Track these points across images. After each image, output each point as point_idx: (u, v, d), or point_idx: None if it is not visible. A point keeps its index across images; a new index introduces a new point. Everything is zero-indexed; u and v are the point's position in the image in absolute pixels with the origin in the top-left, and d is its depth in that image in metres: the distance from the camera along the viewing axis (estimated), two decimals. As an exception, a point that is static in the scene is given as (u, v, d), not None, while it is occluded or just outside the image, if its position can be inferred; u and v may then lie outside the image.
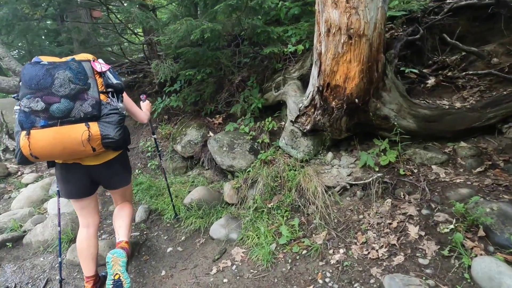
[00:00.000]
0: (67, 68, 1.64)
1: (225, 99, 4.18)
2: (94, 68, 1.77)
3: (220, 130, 4.08)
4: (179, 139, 4.04)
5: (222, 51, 3.51)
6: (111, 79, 1.84)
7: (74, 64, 1.70)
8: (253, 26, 2.86)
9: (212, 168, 3.85)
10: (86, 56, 1.86)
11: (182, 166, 4.07)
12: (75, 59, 1.76)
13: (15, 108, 1.65)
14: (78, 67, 1.70)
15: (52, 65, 1.63)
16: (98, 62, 1.84)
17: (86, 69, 1.73)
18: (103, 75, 1.81)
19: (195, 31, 2.72)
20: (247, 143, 3.30)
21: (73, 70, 1.66)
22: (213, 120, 4.23)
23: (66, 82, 1.61)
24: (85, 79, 1.70)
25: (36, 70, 1.59)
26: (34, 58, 1.71)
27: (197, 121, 4.25)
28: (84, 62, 1.76)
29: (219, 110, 4.28)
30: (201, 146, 3.97)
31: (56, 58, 1.76)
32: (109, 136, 1.70)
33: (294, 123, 3.06)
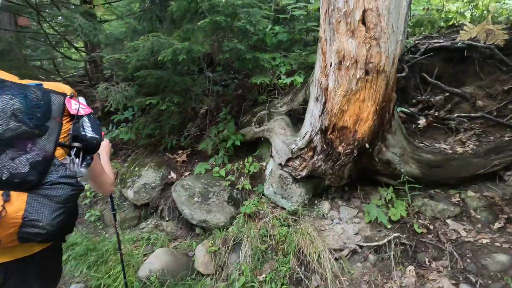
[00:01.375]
0: (20, 95, 0.98)
1: (190, 132, 3.51)
2: (67, 107, 1.12)
3: (184, 170, 3.34)
4: (130, 182, 3.17)
5: (192, 76, 2.90)
6: (86, 129, 1.15)
7: (35, 92, 1.02)
8: (236, 51, 2.35)
9: (175, 220, 3.06)
10: (62, 87, 1.19)
11: (134, 217, 3.17)
12: (41, 86, 1.09)
13: None
14: (41, 98, 1.03)
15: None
16: (77, 100, 1.19)
17: (53, 104, 1.07)
18: (76, 121, 1.15)
19: (165, 50, 2.09)
20: (225, 190, 2.65)
21: (29, 100, 1.00)
22: (175, 157, 3.48)
23: (5, 116, 0.93)
24: (44, 119, 1.03)
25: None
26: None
27: (154, 158, 3.45)
28: (54, 95, 1.10)
29: (182, 145, 3.57)
30: (159, 190, 3.17)
31: (14, 77, 1.08)
32: (37, 223, 0.95)
33: (284, 167, 2.55)
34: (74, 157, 1.10)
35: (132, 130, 3.44)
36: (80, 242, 2.82)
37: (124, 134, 3.38)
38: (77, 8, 2.87)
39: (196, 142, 3.46)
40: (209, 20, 1.85)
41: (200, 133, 3.37)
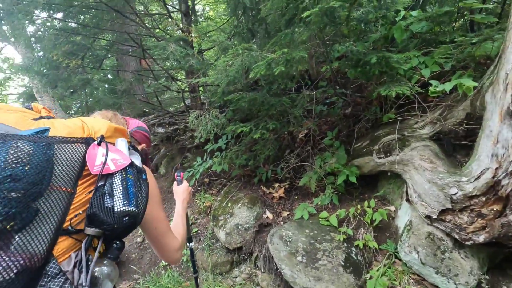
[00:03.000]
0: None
1: (288, 161, 2.94)
2: (88, 163, 0.72)
3: (282, 208, 2.76)
4: (222, 221, 2.78)
5: (290, 95, 2.35)
6: (115, 198, 0.70)
7: (17, 150, 0.61)
8: (352, 54, 1.67)
9: (271, 273, 2.46)
10: (95, 125, 0.81)
11: (226, 261, 2.75)
12: (45, 133, 0.70)
13: None
14: (28, 159, 0.61)
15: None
16: (107, 146, 0.76)
17: (56, 165, 0.66)
18: (99, 185, 0.72)
19: (257, 65, 1.59)
20: (339, 248, 1.89)
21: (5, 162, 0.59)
22: (271, 192, 2.95)
23: None
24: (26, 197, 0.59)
25: None
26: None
27: (248, 192, 3.00)
28: (64, 146, 0.70)
29: (278, 177, 3.02)
30: (253, 233, 2.66)
31: (24, 114, 0.75)
32: None
33: (435, 222, 1.62)
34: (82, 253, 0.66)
35: (225, 160, 3.12)
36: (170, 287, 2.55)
37: (217, 165, 3.08)
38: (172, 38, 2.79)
39: (296, 174, 2.85)
40: (319, 9, 1.26)
41: (301, 163, 2.74)
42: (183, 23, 3.89)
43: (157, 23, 4.04)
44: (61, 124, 0.75)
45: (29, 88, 8.12)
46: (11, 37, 6.18)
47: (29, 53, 6.51)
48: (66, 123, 0.77)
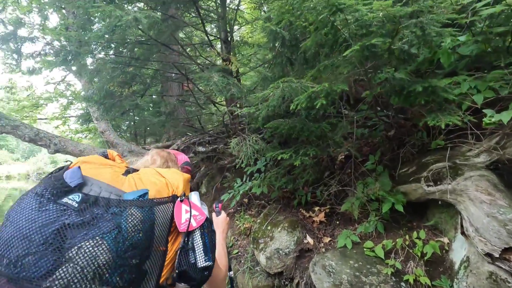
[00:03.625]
0: (111, 233, 0.61)
1: (327, 184, 2.90)
2: (176, 220, 0.76)
3: (323, 234, 2.70)
4: (263, 244, 2.81)
5: (329, 120, 2.35)
6: (198, 254, 0.76)
7: (134, 217, 0.67)
8: (394, 83, 1.64)
9: (314, 301, 2.40)
10: (174, 180, 0.84)
11: (266, 286, 2.74)
12: (146, 196, 0.74)
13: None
14: (141, 225, 0.67)
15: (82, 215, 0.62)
16: (189, 203, 0.81)
17: (156, 227, 0.71)
18: (184, 243, 0.77)
19: (298, 98, 1.64)
20: (387, 283, 1.80)
21: (123, 238, 0.62)
22: (311, 216, 2.91)
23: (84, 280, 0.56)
24: (141, 262, 0.65)
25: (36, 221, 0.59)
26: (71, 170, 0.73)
27: (287, 215, 3.00)
28: (160, 208, 0.74)
29: (318, 200, 2.98)
30: (294, 258, 2.64)
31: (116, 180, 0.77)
32: None
33: (498, 261, 1.48)
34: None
35: (264, 182, 3.17)
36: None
37: (257, 188, 3.14)
38: (214, 68, 2.97)
39: (336, 199, 2.79)
40: (359, 47, 1.28)
41: (342, 188, 2.69)
42: (223, 51, 4.13)
43: (199, 52, 4.33)
44: (148, 181, 0.79)
45: (86, 112, 9.10)
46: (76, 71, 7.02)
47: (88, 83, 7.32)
48: (151, 179, 0.80)
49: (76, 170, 0.71)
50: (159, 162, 1.09)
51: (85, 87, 7.33)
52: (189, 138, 6.59)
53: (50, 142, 6.29)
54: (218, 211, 1.41)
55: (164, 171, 0.88)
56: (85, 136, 11.38)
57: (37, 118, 9.90)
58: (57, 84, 10.28)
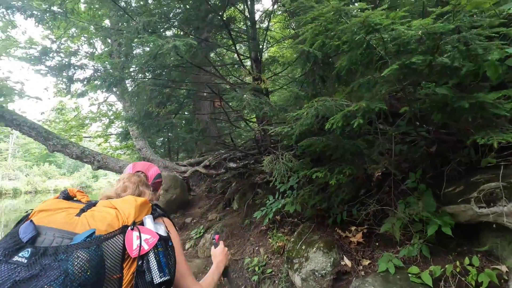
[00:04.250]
0: (57, 282, 0.70)
1: (365, 202, 2.78)
2: (128, 245, 0.84)
3: (362, 255, 2.58)
4: (297, 264, 2.74)
5: (365, 137, 2.29)
6: (153, 273, 0.85)
7: (80, 259, 0.75)
8: (437, 99, 1.57)
9: (354, 329, 2.27)
10: (124, 210, 0.92)
11: (302, 309, 2.65)
12: (93, 235, 0.81)
13: None
14: (87, 265, 0.75)
15: (33, 268, 0.70)
16: (138, 229, 0.89)
17: (107, 260, 0.80)
18: (139, 267, 0.86)
19: (333, 117, 1.63)
20: (437, 314, 1.66)
21: (72, 282, 0.72)
22: (347, 236, 2.80)
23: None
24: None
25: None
26: (25, 225, 0.79)
27: (322, 235, 2.92)
28: (108, 243, 0.82)
29: (355, 219, 2.87)
30: (331, 280, 2.53)
31: (67, 223, 0.84)
32: None
33: None
34: None
35: (297, 200, 3.13)
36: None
37: (290, 205, 3.10)
38: (246, 87, 3.06)
39: (375, 218, 2.67)
40: (398, 65, 1.25)
41: (380, 207, 2.57)
42: (254, 70, 4.24)
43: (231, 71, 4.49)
44: (100, 218, 0.86)
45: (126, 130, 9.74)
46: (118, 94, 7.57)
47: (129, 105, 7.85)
48: (103, 214, 0.88)
49: (28, 224, 0.78)
50: (131, 189, 1.16)
51: (126, 108, 7.88)
52: (220, 154, 6.75)
53: (94, 159, 6.78)
54: (215, 243, 1.45)
55: (117, 202, 0.95)
56: (124, 153, 12.09)
57: (82, 136, 10.74)
58: (100, 105, 11.16)
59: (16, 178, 29.42)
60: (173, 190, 5.99)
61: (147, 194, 1.18)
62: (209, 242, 4.16)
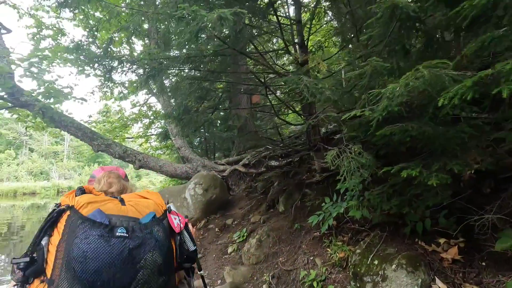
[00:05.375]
0: (156, 246, 0.94)
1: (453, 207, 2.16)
2: (172, 226, 1.07)
3: (462, 278, 1.97)
4: (371, 284, 2.20)
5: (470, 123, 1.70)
6: (188, 244, 1.11)
7: (159, 232, 0.98)
8: None
9: None
10: (159, 202, 1.11)
11: None
12: (155, 217, 1.02)
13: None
14: (164, 237, 0.99)
15: (135, 239, 0.90)
16: (173, 212, 1.13)
17: (169, 237, 1.04)
18: (177, 237, 1.10)
19: (457, 88, 1.10)
20: None
21: (163, 246, 0.96)
22: (436, 251, 2.20)
23: (154, 275, 0.91)
24: (172, 259, 1.04)
25: (112, 253, 0.85)
26: (94, 213, 0.91)
27: (400, 247, 2.34)
28: (165, 220, 1.06)
29: (443, 229, 2.26)
30: (420, 308, 1.96)
31: (122, 208, 0.99)
32: None
33: None
34: (190, 278, 1.13)
35: (363, 203, 2.59)
36: None
37: (355, 210, 2.57)
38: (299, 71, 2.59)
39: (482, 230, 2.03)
40: None
41: (482, 216, 1.94)
42: (300, 55, 3.75)
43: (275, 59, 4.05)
44: (144, 206, 1.04)
45: (165, 130, 9.82)
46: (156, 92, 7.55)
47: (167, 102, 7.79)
48: (144, 203, 1.06)
49: (99, 212, 0.91)
50: (116, 184, 1.25)
51: (164, 106, 7.84)
52: (259, 152, 6.35)
53: (135, 158, 6.78)
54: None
55: (145, 194, 1.13)
56: (164, 153, 12.30)
57: (125, 137, 11.09)
58: (141, 106, 11.45)
59: (71, 177, 32.16)
60: (212, 189, 5.72)
61: (128, 188, 1.28)
62: (254, 248, 3.77)
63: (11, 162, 31.94)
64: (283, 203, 4.40)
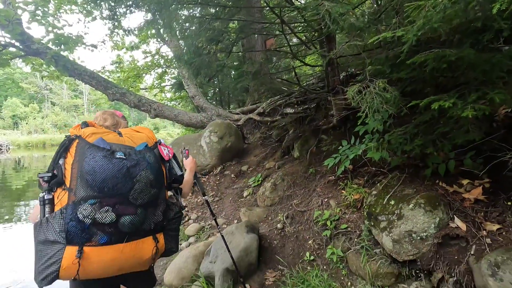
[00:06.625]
0: (148, 166, 1.22)
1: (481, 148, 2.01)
2: (162, 154, 1.35)
3: (483, 217, 1.90)
4: (385, 222, 2.20)
5: None
6: (176, 169, 1.41)
7: (151, 156, 1.27)
8: None
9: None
10: (152, 135, 1.40)
11: (389, 273, 2.18)
12: (147, 146, 1.30)
13: (44, 197, 1.09)
14: (154, 160, 1.27)
15: (131, 160, 1.18)
16: (164, 145, 1.40)
17: (159, 160, 1.32)
18: (167, 164, 1.38)
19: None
20: None
21: (153, 167, 1.24)
22: (458, 191, 2.11)
23: (147, 187, 1.19)
24: (162, 178, 1.31)
25: (114, 169, 1.12)
26: (98, 140, 1.17)
27: (418, 188, 2.27)
28: (156, 150, 1.34)
29: (468, 170, 2.14)
30: (434, 245, 1.96)
31: (120, 139, 1.25)
32: (172, 249, 1.36)
33: None
34: (178, 195, 1.45)
35: (382, 145, 2.47)
36: (320, 285, 2.22)
37: (374, 152, 2.47)
38: None
39: (503, 170, 1.90)
40: None
41: None
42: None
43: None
44: (138, 138, 1.32)
45: (179, 81, 9.64)
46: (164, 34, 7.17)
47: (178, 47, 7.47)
48: (138, 136, 1.33)
49: (101, 140, 1.18)
50: (110, 119, 1.48)
51: (175, 51, 7.55)
52: (274, 100, 6.15)
53: (150, 107, 6.77)
54: (186, 155, 1.89)
55: (138, 129, 1.39)
56: (178, 103, 12.30)
57: (139, 87, 11.04)
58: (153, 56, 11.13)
59: (92, 130, 33.46)
60: (227, 137, 5.72)
61: (122, 124, 1.52)
62: (269, 191, 3.84)
63: (36, 116, 33.36)
64: (298, 148, 4.35)
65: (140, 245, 1.18)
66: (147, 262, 1.24)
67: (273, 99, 6.14)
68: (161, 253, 1.31)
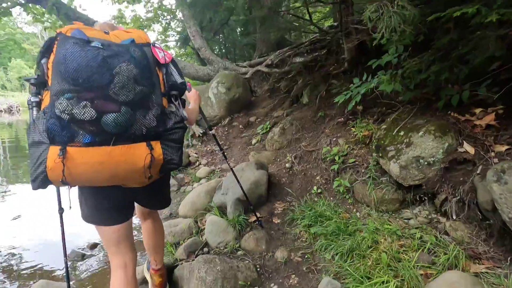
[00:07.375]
0: (131, 60, 1.08)
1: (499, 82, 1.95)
2: (156, 56, 1.20)
3: (493, 140, 1.92)
4: (393, 151, 2.24)
5: None
6: (175, 76, 1.26)
7: (136, 51, 1.12)
8: None
9: (472, 222, 1.83)
10: (145, 36, 1.23)
11: (394, 199, 2.27)
12: (134, 42, 1.16)
13: (31, 100, 1.07)
14: (141, 56, 1.13)
15: (110, 51, 1.06)
16: (159, 47, 1.24)
17: (149, 59, 1.17)
18: (163, 69, 1.24)
19: None
20: None
21: (138, 62, 1.11)
22: (470, 119, 2.10)
23: (130, 82, 1.06)
24: (151, 76, 1.16)
25: (87, 56, 1.01)
26: (74, 31, 1.07)
27: (430, 119, 2.27)
28: (146, 48, 1.18)
29: (480, 99, 2.11)
30: (440, 170, 2.01)
31: (105, 35, 1.14)
32: (173, 161, 1.20)
33: None
34: (177, 103, 1.26)
35: (396, 78, 2.42)
36: (329, 216, 2.34)
37: (386, 84, 2.43)
38: None
39: None
40: None
41: None
42: None
43: None
44: (126, 36, 1.18)
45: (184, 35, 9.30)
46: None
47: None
48: (127, 34, 1.19)
49: (79, 31, 1.06)
50: (108, 26, 1.37)
51: None
52: (283, 52, 5.95)
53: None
54: (189, 88, 1.75)
55: (130, 30, 1.24)
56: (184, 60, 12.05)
57: (143, 42, 10.72)
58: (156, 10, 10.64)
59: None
60: (235, 88, 5.66)
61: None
62: (277, 135, 3.89)
63: (42, 77, 33.17)
64: (308, 94, 4.31)
65: (131, 150, 1.08)
66: (142, 171, 1.11)
67: (281, 51, 5.94)
68: (160, 164, 1.16)
